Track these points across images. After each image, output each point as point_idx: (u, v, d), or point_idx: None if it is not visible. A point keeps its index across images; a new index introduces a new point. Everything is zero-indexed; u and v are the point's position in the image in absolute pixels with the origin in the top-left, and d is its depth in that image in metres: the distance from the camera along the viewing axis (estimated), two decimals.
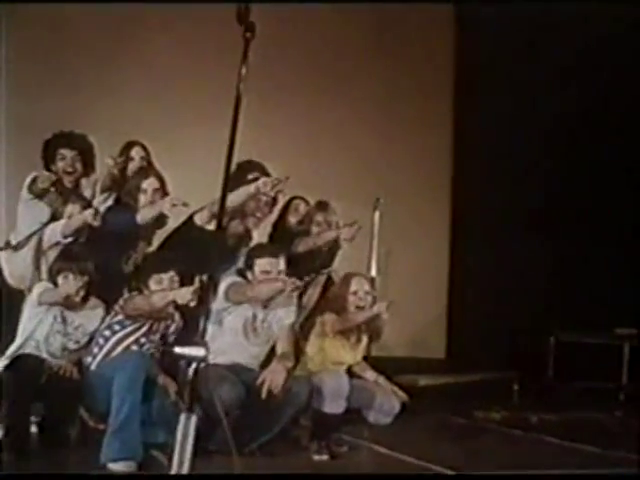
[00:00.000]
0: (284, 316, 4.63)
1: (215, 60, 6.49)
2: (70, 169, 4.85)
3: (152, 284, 4.26)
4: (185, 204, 4.54)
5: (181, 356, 2.20)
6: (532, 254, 7.48)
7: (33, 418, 4.18)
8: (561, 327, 7.41)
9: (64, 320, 4.33)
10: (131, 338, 4.23)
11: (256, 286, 4.46)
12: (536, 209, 7.61)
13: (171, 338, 4.37)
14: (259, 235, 5.18)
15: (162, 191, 4.77)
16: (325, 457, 4.32)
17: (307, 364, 4.72)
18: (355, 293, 4.76)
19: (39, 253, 4.60)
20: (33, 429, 4.20)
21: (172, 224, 4.90)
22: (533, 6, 7.00)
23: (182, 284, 4.23)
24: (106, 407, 3.94)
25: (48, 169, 4.83)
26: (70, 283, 4.25)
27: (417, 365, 7.30)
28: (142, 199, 4.70)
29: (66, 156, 4.85)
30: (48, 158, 4.88)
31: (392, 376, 6.40)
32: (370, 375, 5.06)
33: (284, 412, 4.31)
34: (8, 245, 4.72)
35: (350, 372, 4.96)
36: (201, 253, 4.52)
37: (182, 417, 2.21)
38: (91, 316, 4.41)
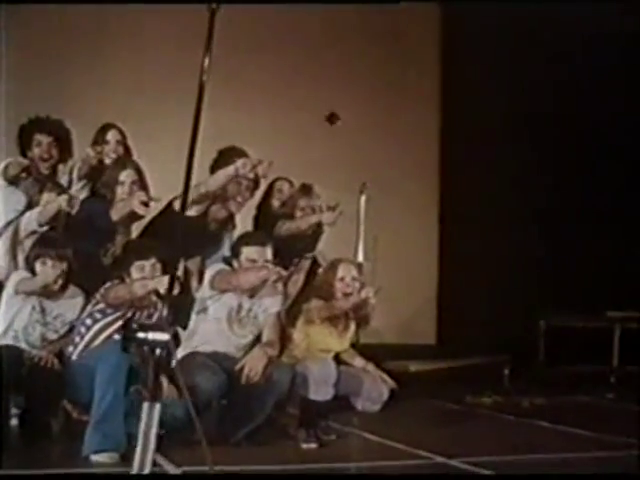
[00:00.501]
0: (270, 305, 4.55)
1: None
2: (46, 155, 4.76)
3: (134, 271, 4.18)
4: (156, 199, 4.44)
5: (144, 341, 2.12)
6: (522, 238, 7.45)
7: (14, 411, 4.07)
8: (552, 311, 7.36)
9: (43, 310, 4.25)
10: (113, 327, 4.15)
11: (242, 274, 4.38)
12: (525, 193, 7.57)
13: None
14: (242, 219, 5.10)
15: (140, 183, 4.67)
16: (313, 445, 4.24)
17: (293, 351, 4.66)
18: (342, 279, 4.70)
19: (15, 242, 4.49)
20: (14, 422, 4.09)
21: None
22: None
23: (164, 271, 4.14)
24: (89, 397, 3.84)
25: (24, 155, 4.74)
26: (48, 270, 4.16)
27: (408, 351, 7.26)
28: (119, 191, 4.61)
29: (42, 142, 4.77)
30: (24, 144, 4.80)
31: (382, 362, 6.45)
32: (358, 362, 5.01)
33: (266, 400, 4.24)
34: None
35: (338, 359, 4.91)
36: (182, 240, 4.52)
37: (145, 406, 2.13)
38: (70, 305, 4.33)
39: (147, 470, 2.17)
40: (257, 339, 4.54)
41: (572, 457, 4.16)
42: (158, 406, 2.16)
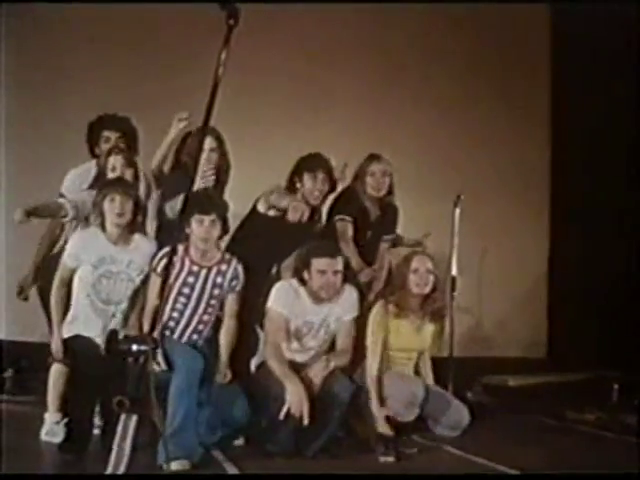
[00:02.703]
0: (343, 312, 4.54)
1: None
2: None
3: (193, 224, 4.24)
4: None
5: (127, 352, 2.19)
6: (635, 250, 7.15)
7: (97, 422, 4.18)
8: None
9: (113, 260, 4.29)
10: None
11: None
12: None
13: None
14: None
15: (220, 151, 4.79)
16: (391, 459, 4.24)
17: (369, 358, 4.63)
18: (416, 271, 4.62)
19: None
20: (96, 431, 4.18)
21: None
22: None
23: (224, 229, 4.31)
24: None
25: (92, 152, 4.89)
26: (117, 203, 4.22)
27: (517, 365, 7.12)
28: (201, 159, 4.63)
29: (110, 138, 4.89)
30: (92, 141, 4.93)
31: (483, 376, 6.36)
32: (429, 378, 4.94)
33: (328, 414, 4.24)
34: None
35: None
36: (270, 241, 4.60)
37: (122, 417, 2.19)
38: (141, 251, 4.35)
39: None
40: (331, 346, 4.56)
41: (579, 474, 3.97)
42: (134, 418, 2.21)
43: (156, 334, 3.96)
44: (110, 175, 4.58)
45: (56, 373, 4.43)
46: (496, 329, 7.66)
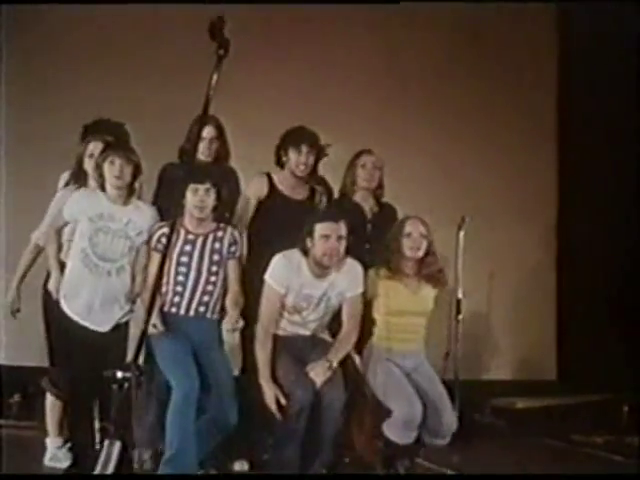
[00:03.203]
0: (347, 287, 4.50)
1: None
2: None
3: (188, 194, 4.31)
4: None
5: (112, 379, 2.20)
6: None
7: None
8: None
9: (112, 216, 4.38)
10: None
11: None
12: None
13: None
14: None
15: (220, 139, 4.82)
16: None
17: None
18: (409, 235, 4.58)
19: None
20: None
21: None
22: None
23: (219, 198, 4.35)
24: None
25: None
26: (116, 165, 4.33)
27: (527, 388, 7.07)
28: (201, 147, 4.73)
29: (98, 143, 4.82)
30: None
31: (491, 399, 6.32)
32: None
33: (322, 432, 4.20)
34: None
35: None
36: (289, 222, 4.60)
37: (105, 443, 2.19)
38: (141, 213, 4.46)
39: None
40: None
41: (580, 474, 3.92)
42: (118, 444, 2.21)
43: (155, 311, 4.14)
44: (87, 162, 4.56)
45: (51, 398, 4.45)
46: (504, 351, 7.60)
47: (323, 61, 7.17)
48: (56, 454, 4.45)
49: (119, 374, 2.21)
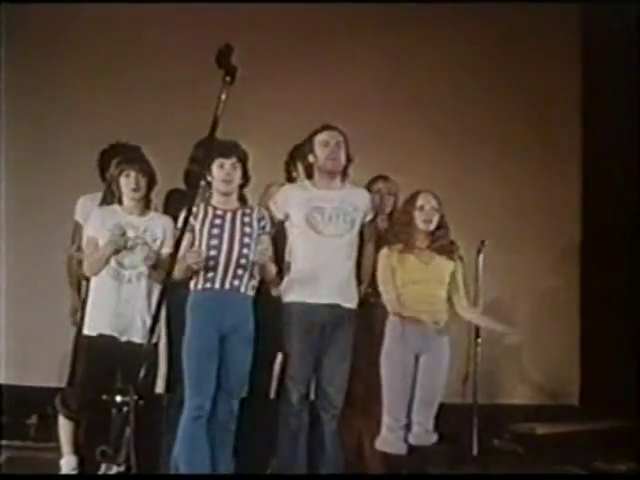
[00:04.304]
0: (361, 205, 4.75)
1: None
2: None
3: (215, 169, 4.37)
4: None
5: (111, 403, 2.19)
6: None
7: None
8: None
9: (129, 226, 4.53)
10: None
11: None
12: None
13: None
14: None
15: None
16: None
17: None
18: (422, 208, 4.66)
19: None
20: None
21: None
22: None
23: (245, 172, 4.45)
24: None
25: (104, 178, 4.97)
26: (132, 179, 4.49)
27: (548, 413, 6.98)
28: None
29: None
30: (104, 167, 5.01)
31: (511, 424, 6.23)
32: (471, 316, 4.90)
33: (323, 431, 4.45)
34: None
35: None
36: None
37: (103, 467, 2.19)
38: (157, 223, 4.61)
39: None
40: None
41: (579, 474, 3.84)
42: (115, 469, 2.20)
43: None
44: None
45: (62, 418, 4.52)
46: (524, 375, 7.52)
47: (332, 81, 7.17)
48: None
49: (118, 398, 2.21)
